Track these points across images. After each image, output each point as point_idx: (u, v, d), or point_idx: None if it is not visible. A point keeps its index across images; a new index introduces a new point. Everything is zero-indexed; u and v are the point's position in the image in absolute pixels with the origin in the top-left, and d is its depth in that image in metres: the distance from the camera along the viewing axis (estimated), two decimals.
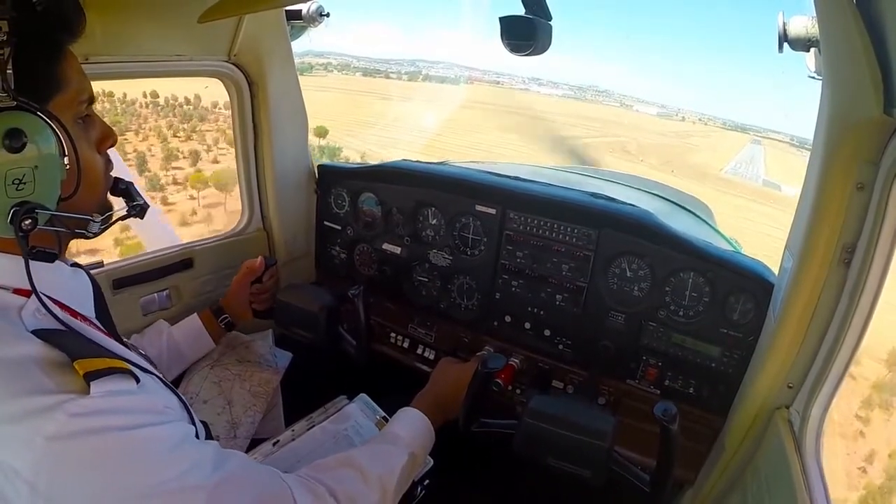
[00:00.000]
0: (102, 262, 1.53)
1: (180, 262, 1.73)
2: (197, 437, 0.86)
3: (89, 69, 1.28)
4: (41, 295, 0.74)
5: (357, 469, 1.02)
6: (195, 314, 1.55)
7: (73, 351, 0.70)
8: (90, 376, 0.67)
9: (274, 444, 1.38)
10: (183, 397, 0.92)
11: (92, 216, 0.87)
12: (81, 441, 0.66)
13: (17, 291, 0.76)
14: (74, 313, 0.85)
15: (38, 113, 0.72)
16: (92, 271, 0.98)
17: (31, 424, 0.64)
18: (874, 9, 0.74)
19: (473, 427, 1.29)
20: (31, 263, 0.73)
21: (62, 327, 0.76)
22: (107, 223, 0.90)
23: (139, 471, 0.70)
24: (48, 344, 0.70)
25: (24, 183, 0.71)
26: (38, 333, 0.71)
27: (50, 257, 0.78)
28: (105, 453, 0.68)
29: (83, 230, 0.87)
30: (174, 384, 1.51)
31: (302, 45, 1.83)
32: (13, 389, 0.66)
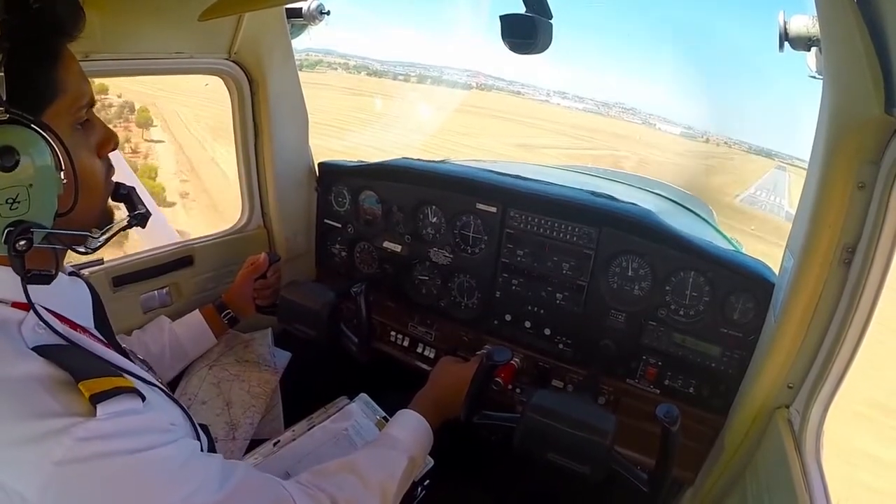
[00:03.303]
0: (102, 259, 1.54)
1: (180, 260, 1.74)
2: (201, 448, 0.86)
3: (89, 66, 1.28)
4: (40, 309, 0.72)
5: (357, 475, 1.02)
6: (196, 310, 1.55)
7: (77, 370, 0.68)
8: (96, 398, 0.66)
9: (275, 445, 1.39)
10: (184, 406, 0.91)
11: (90, 231, 0.85)
12: (89, 465, 0.65)
13: (17, 305, 0.74)
14: (74, 325, 0.83)
15: (33, 125, 0.68)
16: (92, 269, 0.97)
17: (37, 449, 0.63)
18: (875, 8, 0.73)
19: (475, 419, 1.28)
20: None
21: (63, 342, 0.74)
22: (106, 237, 0.88)
23: (147, 494, 0.70)
24: (51, 362, 0.68)
25: (19, 202, 0.67)
26: (40, 350, 0.69)
27: (46, 279, 0.74)
28: (113, 477, 0.67)
29: (82, 245, 0.84)
30: (174, 383, 1.52)
31: (322, 45, 1.82)
32: (18, 411, 0.64)
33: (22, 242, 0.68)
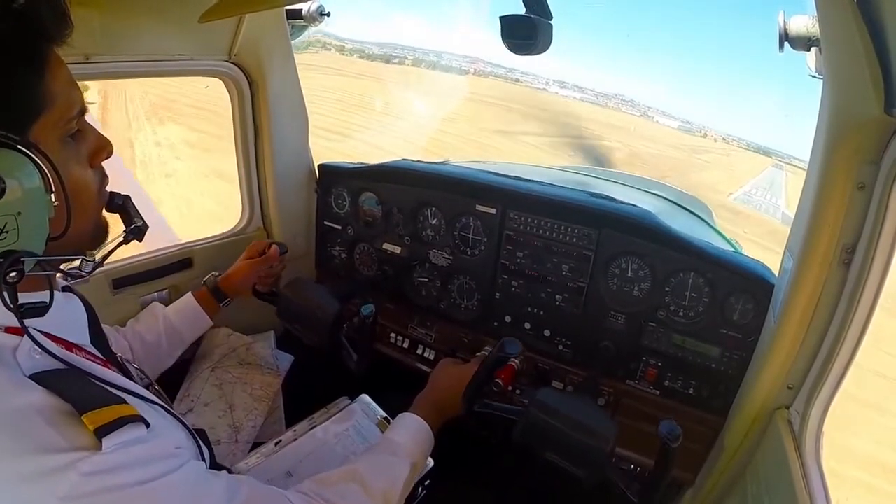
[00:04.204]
0: (102, 262, 1.53)
1: (179, 262, 1.73)
2: (204, 460, 0.86)
3: (89, 69, 1.30)
4: (35, 333, 0.69)
5: (360, 483, 1.01)
6: (189, 294, 1.52)
7: (79, 401, 0.65)
8: (101, 431, 0.63)
9: (276, 444, 1.39)
10: (183, 420, 0.90)
11: (85, 253, 0.81)
12: (97, 499, 0.63)
13: (10, 330, 0.70)
14: (70, 345, 0.80)
15: (19, 147, 0.63)
16: (91, 272, 0.95)
17: (42, 485, 0.61)
18: (875, 8, 0.74)
19: (476, 407, 1.27)
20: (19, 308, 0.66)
21: (61, 365, 0.71)
22: (102, 256, 0.85)
23: None
24: (51, 392, 0.65)
25: (7, 231, 0.62)
26: (38, 378, 0.66)
27: (41, 311, 0.69)
28: None
29: (77, 269, 0.81)
30: (176, 384, 1.51)
31: (322, 28, 1.81)
32: (20, 446, 0.62)
33: (13, 274, 0.64)
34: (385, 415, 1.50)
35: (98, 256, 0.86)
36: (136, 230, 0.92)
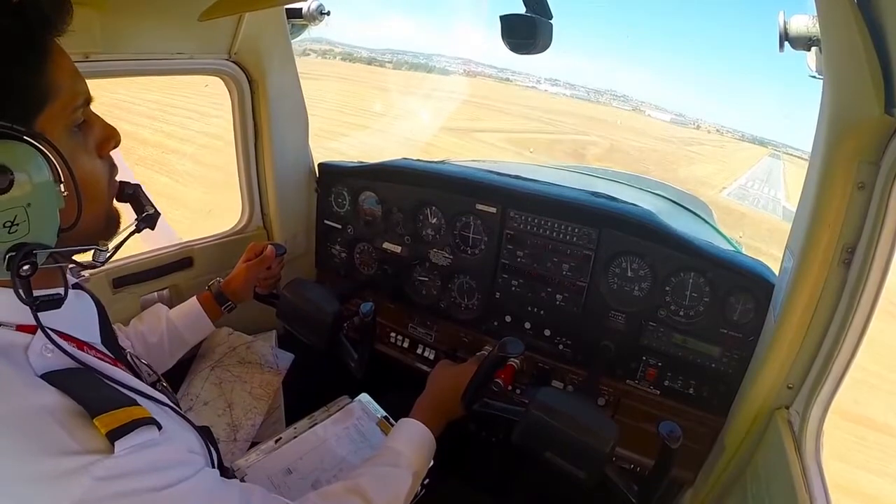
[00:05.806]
0: (116, 251, 1.53)
1: (180, 261, 1.73)
2: (212, 461, 0.86)
3: (89, 67, 1.30)
4: (49, 332, 0.68)
5: (363, 496, 1.00)
6: (194, 298, 1.51)
7: (91, 402, 0.65)
8: (113, 435, 0.63)
9: (276, 442, 1.39)
10: (194, 423, 0.89)
11: (97, 242, 0.80)
12: None
13: (21, 328, 0.70)
14: (81, 344, 0.80)
15: (25, 137, 0.62)
16: (92, 270, 0.94)
17: (55, 489, 0.60)
18: (875, 8, 0.73)
19: (476, 406, 1.26)
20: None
21: (73, 364, 0.71)
22: (115, 246, 0.84)
23: None
24: (62, 392, 0.64)
25: (17, 224, 0.62)
26: (50, 378, 0.65)
27: (55, 304, 0.69)
28: None
29: (90, 261, 0.81)
30: (177, 382, 1.51)
31: (315, 33, 1.77)
32: (32, 448, 0.61)
33: (26, 267, 0.63)
34: (385, 414, 1.50)
35: (111, 246, 0.85)
36: (148, 218, 0.91)
